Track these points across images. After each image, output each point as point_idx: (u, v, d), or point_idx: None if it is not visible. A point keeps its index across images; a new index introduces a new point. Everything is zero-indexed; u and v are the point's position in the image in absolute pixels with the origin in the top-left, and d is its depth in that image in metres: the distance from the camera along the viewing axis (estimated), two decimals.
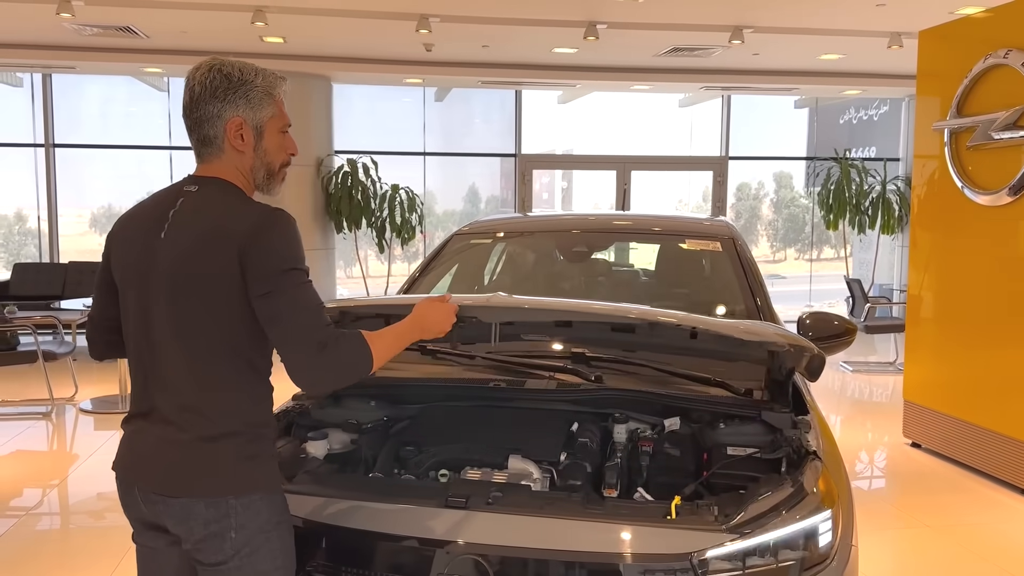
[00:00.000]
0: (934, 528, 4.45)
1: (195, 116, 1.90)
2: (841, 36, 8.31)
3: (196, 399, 1.84)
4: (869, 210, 11.09)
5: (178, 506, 1.83)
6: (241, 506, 1.82)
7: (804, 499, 2.07)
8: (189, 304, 1.82)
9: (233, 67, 1.90)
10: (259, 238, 1.78)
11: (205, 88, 1.87)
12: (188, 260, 1.81)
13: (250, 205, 1.88)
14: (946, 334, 5.70)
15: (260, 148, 1.93)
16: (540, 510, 2.04)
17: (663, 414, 2.62)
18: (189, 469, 1.83)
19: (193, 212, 1.86)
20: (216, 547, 1.83)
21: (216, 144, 1.90)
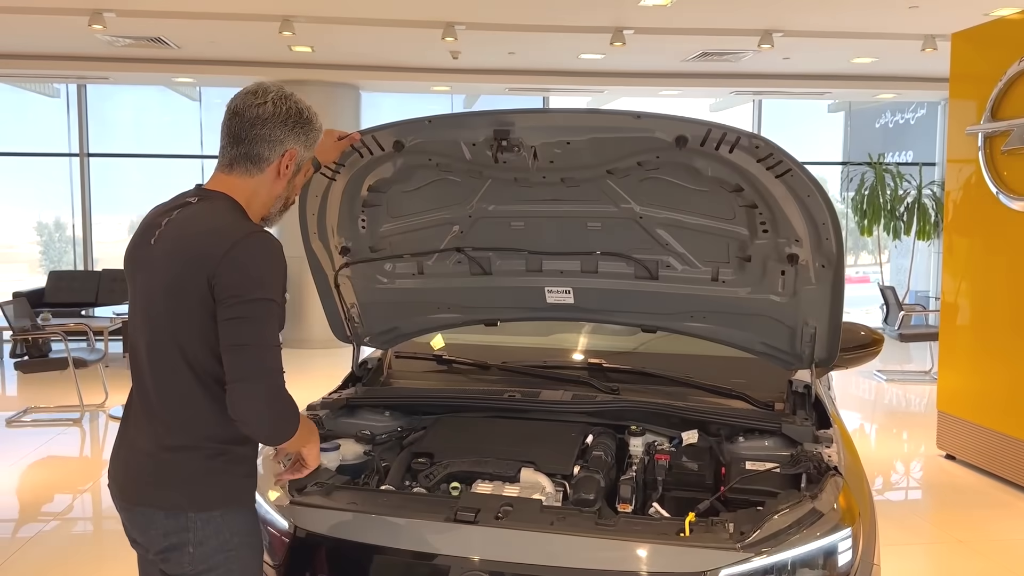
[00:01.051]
0: (968, 544, 4.32)
1: (255, 133, 1.90)
2: (873, 39, 8.16)
3: (161, 410, 1.86)
4: (904, 216, 10.89)
5: (139, 514, 1.87)
6: (200, 521, 1.83)
7: (823, 516, 2.01)
8: (160, 316, 1.84)
9: (303, 104, 1.97)
10: (231, 260, 1.77)
11: (279, 113, 1.90)
12: (164, 273, 1.83)
13: (236, 225, 1.84)
14: (981, 343, 5.55)
15: (293, 181, 2.00)
16: (550, 526, 2.00)
17: (681, 427, 2.57)
18: (149, 479, 1.86)
19: (181, 225, 1.87)
20: (176, 559, 1.85)
21: (261, 165, 1.93)
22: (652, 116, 2.25)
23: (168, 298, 1.82)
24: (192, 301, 1.79)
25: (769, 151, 2.22)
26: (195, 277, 1.78)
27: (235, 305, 1.76)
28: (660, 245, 2.64)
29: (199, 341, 1.81)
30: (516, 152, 2.37)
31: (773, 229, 2.44)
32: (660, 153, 2.34)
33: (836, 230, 2.33)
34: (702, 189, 2.44)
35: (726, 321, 2.73)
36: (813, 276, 2.47)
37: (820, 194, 2.27)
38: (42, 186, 12.16)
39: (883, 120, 13.80)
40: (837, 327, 2.53)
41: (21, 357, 6.91)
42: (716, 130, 2.21)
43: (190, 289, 1.78)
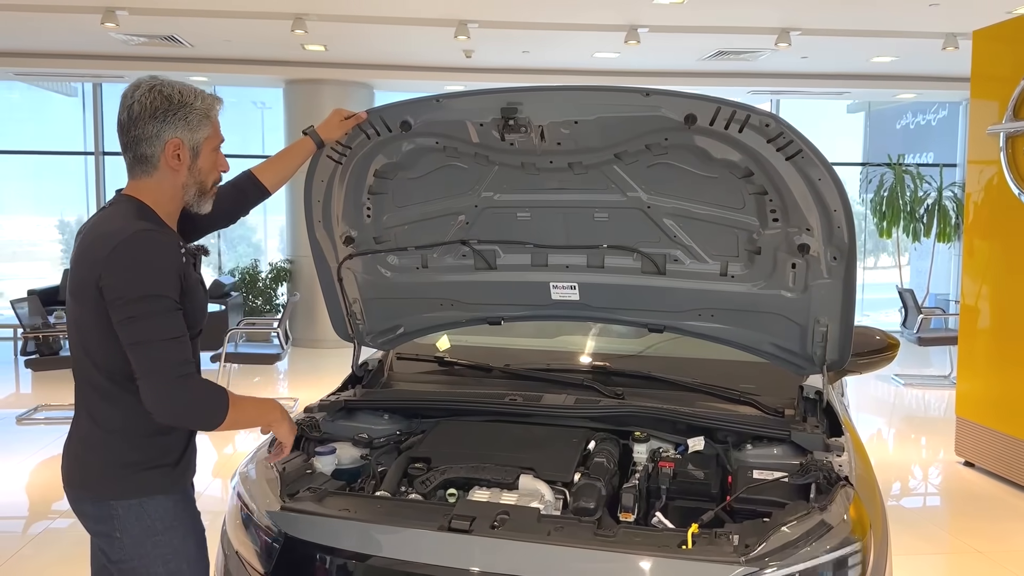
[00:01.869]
0: (987, 555, 4.21)
1: (133, 135, 1.93)
2: (893, 37, 8.03)
3: (87, 402, 1.96)
4: (924, 217, 10.73)
5: (73, 500, 1.99)
6: (122, 508, 1.91)
7: (832, 529, 1.92)
8: (71, 320, 1.96)
9: (173, 89, 1.93)
10: (113, 262, 1.81)
11: (145, 108, 1.90)
12: (71, 278, 1.91)
13: (123, 227, 1.85)
14: (1002, 347, 5.43)
15: (195, 168, 1.98)
16: (547, 536, 1.92)
17: (687, 433, 2.49)
18: (77, 467, 1.97)
19: (87, 231, 1.94)
20: (108, 545, 1.95)
21: (151, 163, 1.94)
22: (661, 93, 2.19)
23: (73, 303, 1.93)
24: (89, 304, 1.85)
25: (780, 130, 2.14)
26: (88, 281, 1.84)
27: (123, 306, 1.80)
28: (668, 237, 2.56)
29: (101, 342, 1.87)
30: (523, 132, 2.31)
31: (784, 217, 2.36)
32: (669, 134, 2.27)
33: (848, 218, 2.25)
34: (711, 175, 2.36)
35: (735, 319, 2.64)
36: (824, 269, 2.39)
37: (831, 177, 2.19)
38: (62, 184, 12.25)
39: (904, 121, 13.63)
40: (849, 325, 2.45)
41: (32, 355, 6.91)
42: (726, 108, 2.14)
43: (88, 294, 1.85)
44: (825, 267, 2.39)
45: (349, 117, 2.43)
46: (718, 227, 2.49)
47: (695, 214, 2.50)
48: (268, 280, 10.52)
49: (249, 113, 12.83)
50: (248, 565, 2.14)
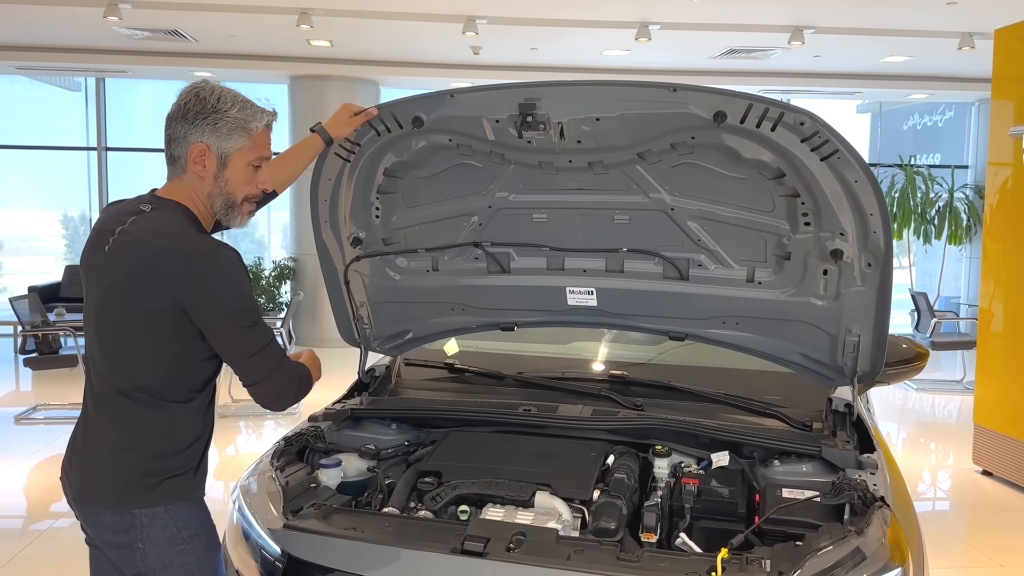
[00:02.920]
0: (1012, 570, 4.08)
1: (168, 132, 1.90)
2: (908, 36, 7.90)
3: (114, 412, 1.86)
4: (935, 219, 10.59)
5: (89, 512, 1.89)
6: (146, 517, 1.84)
7: (871, 555, 1.80)
8: (109, 326, 1.85)
9: (212, 93, 1.88)
10: (202, 281, 1.77)
11: (180, 108, 1.88)
12: (119, 284, 1.81)
13: (195, 243, 1.81)
14: (1021, 353, 5.30)
15: (221, 177, 1.90)
16: (567, 560, 1.81)
17: (710, 448, 2.37)
18: (96, 478, 1.88)
19: (137, 237, 1.83)
20: (128, 558, 1.86)
21: (179, 164, 1.90)
22: (689, 89, 2.07)
23: (119, 310, 1.83)
24: (146, 317, 1.79)
25: (815, 129, 2.02)
26: (156, 296, 1.78)
27: (222, 320, 1.80)
28: (692, 241, 2.44)
29: (145, 353, 1.82)
30: (542, 129, 2.19)
31: (816, 221, 2.24)
32: (696, 133, 2.15)
33: (885, 222, 2.13)
34: (740, 176, 2.24)
35: (761, 328, 2.52)
36: (858, 277, 2.26)
37: (869, 180, 2.07)
38: (66, 180, 12.16)
39: (912, 122, 13.50)
40: (883, 336, 2.32)
41: (32, 353, 6.81)
42: (758, 105, 2.02)
43: (148, 306, 1.78)
44: (859, 274, 2.26)
45: (359, 113, 2.33)
46: (745, 231, 2.37)
47: (721, 217, 2.37)
48: (271, 278, 10.40)
49: None
50: None
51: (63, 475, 1.97)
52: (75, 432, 1.97)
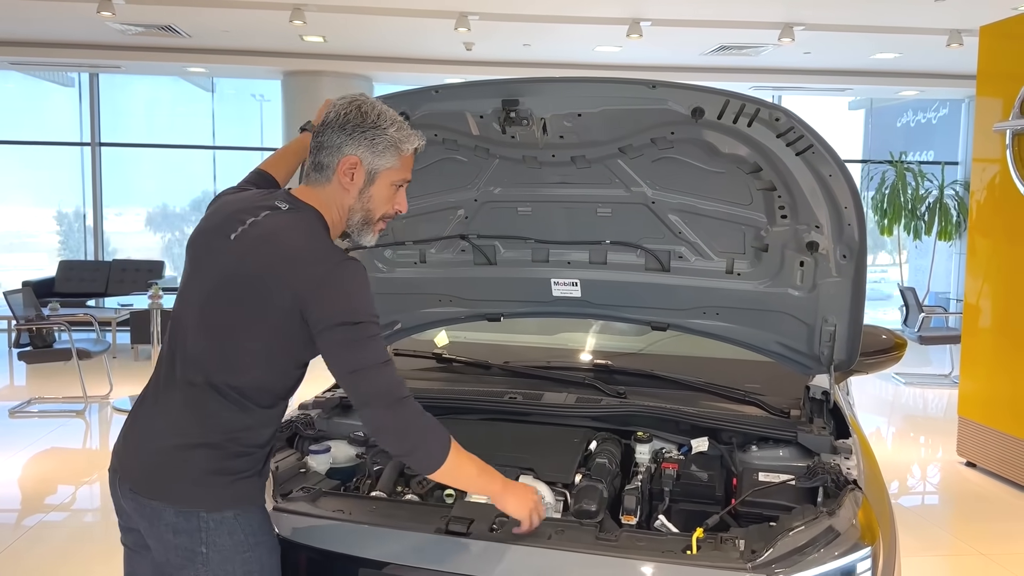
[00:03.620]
0: (991, 557, 4.15)
1: (319, 140, 1.88)
2: (897, 33, 7.97)
3: (194, 403, 1.80)
4: (925, 216, 10.67)
5: (149, 508, 1.79)
6: (213, 522, 1.77)
7: (841, 535, 1.86)
8: (223, 317, 1.79)
9: (373, 109, 1.87)
10: (327, 288, 1.73)
11: (339, 117, 1.86)
12: (240, 275, 1.78)
13: (326, 250, 1.79)
14: (1005, 347, 5.37)
15: (366, 193, 1.89)
16: (547, 540, 1.86)
17: (690, 434, 2.43)
18: (166, 473, 1.79)
19: (269, 233, 1.80)
20: (187, 560, 1.78)
21: (327, 174, 1.87)
22: (668, 85, 2.12)
23: (235, 302, 1.78)
24: (263, 314, 1.75)
25: (790, 125, 2.08)
26: (280, 295, 1.74)
27: (339, 328, 1.72)
28: (672, 233, 2.50)
29: (252, 352, 1.78)
30: (525, 125, 2.24)
31: (792, 214, 2.30)
32: (675, 128, 2.20)
33: (859, 215, 2.19)
34: (718, 171, 2.30)
35: (740, 318, 2.58)
36: (833, 268, 2.33)
37: (843, 174, 2.13)
38: (60, 175, 12.18)
39: (905, 119, 13.57)
40: (858, 325, 2.39)
41: (26, 347, 6.85)
42: (735, 101, 2.07)
43: (268, 303, 1.75)
44: (834, 265, 2.33)
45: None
46: (724, 223, 2.43)
47: (701, 210, 2.43)
48: None
49: (248, 106, 12.76)
50: None
51: (116, 464, 1.89)
52: (137, 420, 1.88)
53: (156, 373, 1.89)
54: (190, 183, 12.71)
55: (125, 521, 1.90)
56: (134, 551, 1.93)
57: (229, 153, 11.99)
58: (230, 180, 6.95)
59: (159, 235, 13.51)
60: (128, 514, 1.87)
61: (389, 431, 1.75)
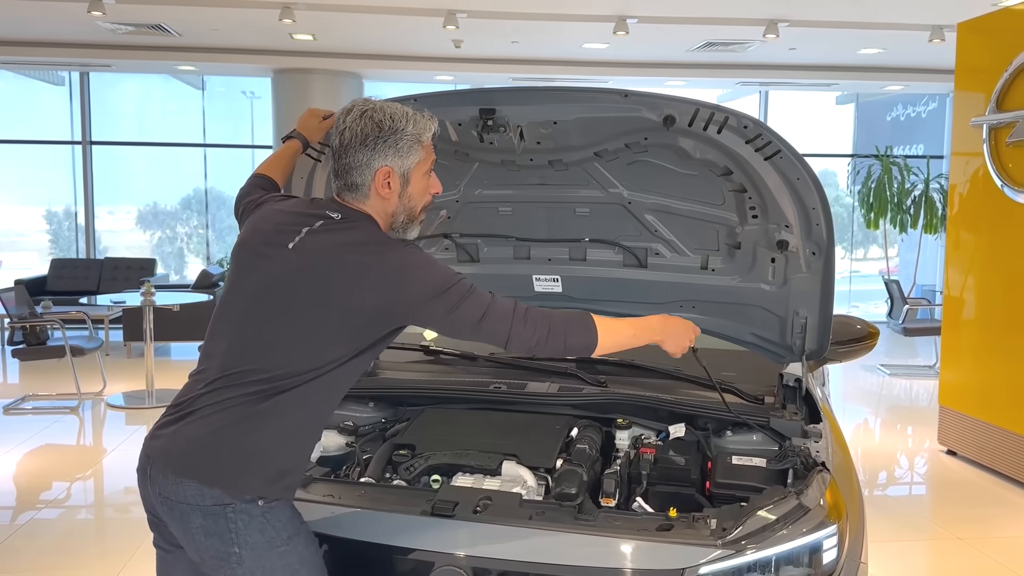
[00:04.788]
0: (967, 541, 4.27)
1: (344, 162, 1.89)
2: (880, 29, 8.07)
3: (235, 397, 1.80)
4: (911, 209, 10.79)
5: (179, 511, 1.78)
6: (242, 521, 1.76)
7: (808, 513, 1.96)
8: (286, 319, 1.82)
9: (384, 114, 1.87)
10: (403, 277, 1.80)
11: (355, 135, 1.86)
12: (311, 283, 1.81)
13: (388, 243, 1.86)
14: (984, 337, 5.49)
15: (405, 195, 1.92)
16: (528, 520, 1.95)
17: (668, 420, 2.52)
18: (201, 453, 1.78)
19: (335, 242, 1.84)
20: (221, 561, 1.77)
21: (362, 191, 1.90)
22: (639, 95, 2.21)
23: (296, 303, 1.81)
24: (338, 316, 1.79)
25: (758, 132, 2.17)
26: (356, 297, 1.78)
27: (434, 302, 1.79)
28: (649, 232, 2.59)
29: (322, 344, 1.81)
30: (502, 132, 2.33)
31: (763, 214, 2.39)
32: (648, 134, 2.29)
33: (827, 215, 2.28)
34: (691, 173, 2.39)
35: (716, 311, 2.68)
36: (804, 264, 2.42)
37: (810, 177, 2.22)
38: (50, 174, 12.20)
39: (894, 113, 13.69)
40: (828, 317, 2.48)
41: (19, 345, 6.91)
42: (704, 110, 2.16)
43: (337, 305, 1.79)
44: (804, 262, 2.42)
45: (327, 117, 2.42)
46: (698, 222, 2.52)
47: (675, 210, 2.52)
48: None
49: (238, 103, 12.80)
50: None
51: (146, 460, 1.85)
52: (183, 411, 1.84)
53: (200, 373, 1.88)
54: (181, 181, 12.74)
55: (158, 521, 1.89)
56: (167, 551, 1.93)
57: (220, 151, 12.04)
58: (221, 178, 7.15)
59: (150, 233, 13.54)
60: (160, 515, 1.86)
61: (540, 341, 1.86)
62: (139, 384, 7.41)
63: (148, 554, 4.11)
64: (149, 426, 1.94)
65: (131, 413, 6.80)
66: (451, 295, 1.81)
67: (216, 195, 12.62)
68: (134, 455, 1.93)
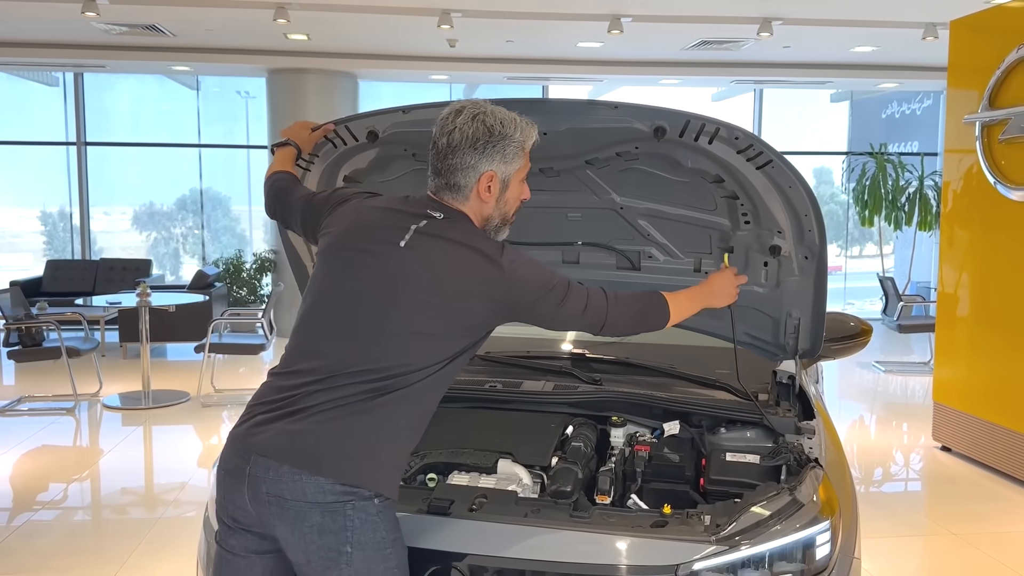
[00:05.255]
0: (962, 537, 4.29)
1: (450, 162, 1.91)
2: (874, 27, 8.09)
3: (376, 397, 1.81)
4: (906, 206, 10.83)
5: (293, 510, 1.76)
6: (359, 520, 1.76)
7: (801, 509, 1.98)
8: (392, 314, 1.84)
9: (495, 119, 1.90)
10: (515, 278, 1.88)
11: (466, 138, 1.89)
12: (426, 281, 1.85)
13: (497, 246, 1.91)
14: (978, 334, 5.51)
15: (502, 199, 1.96)
16: (524, 518, 1.97)
17: (663, 418, 2.54)
18: (321, 445, 1.76)
19: (443, 241, 1.88)
20: (330, 561, 1.76)
21: (463, 192, 1.93)
22: (630, 107, 2.22)
23: (411, 299, 1.84)
24: (450, 314, 1.85)
25: (749, 142, 2.18)
26: (473, 296, 1.85)
27: (544, 300, 1.91)
28: (642, 236, 2.60)
29: (436, 344, 1.85)
30: None
31: (755, 220, 2.41)
32: (639, 144, 2.30)
33: (819, 222, 2.30)
34: (683, 180, 2.41)
35: (710, 311, 2.68)
36: (796, 267, 2.44)
37: (802, 185, 2.24)
38: (45, 176, 12.19)
39: (890, 110, 13.73)
40: (821, 318, 2.51)
41: (15, 346, 6.91)
42: (695, 121, 2.17)
43: (452, 302, 1.84)
44: (797, 266, 2.44)
45: (316, 128, 2.45)
46: (691, 227, 2.55)
47: (668, 215, 2.54)
48: (252, 271, 10.51)
49: (233, 103, 12.78)
50: None
51: (242, 458, 1.81)
52: (285, 408, 1.82)
53: (299, 371, 1.86)
54: (176, 181, 12.73)
55: (245, 525, 1.84)
56: (241, 558, 1.87)
57: (217, 151, 12.04)
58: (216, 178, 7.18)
59: (145, 234, 13.53)
60: (255, 517, 1.81)
61: (628, 322, 2.05)
62: (135, 385, 7.41)
63: (145, 555, 4.13)
64: (146, 428, 1.94)
65: (127, 414, 6.79)
66: (557, 291, 1.92)
67: (212, 195, 12.62)
68: (131, 456, 1.92)
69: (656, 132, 2.22)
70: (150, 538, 4.18)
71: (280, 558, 1.85)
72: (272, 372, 1.93)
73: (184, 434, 6.37)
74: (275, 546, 1.84)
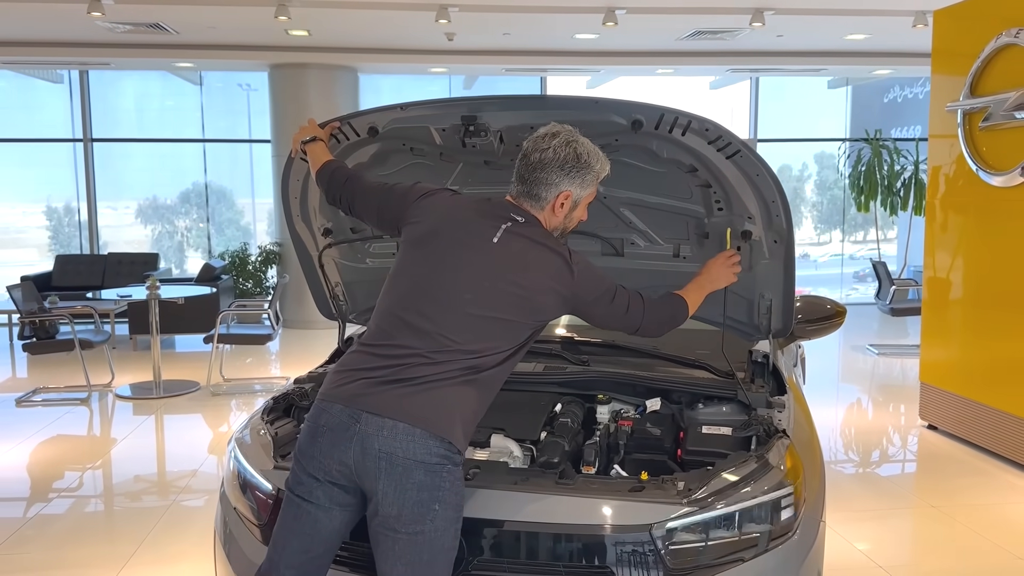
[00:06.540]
0: (940, 508, 4.47)
1: (537, 175, 2.20)
2: (864, 15, 8.21)
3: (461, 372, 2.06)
4: (901, 191, 10.96)
5: (401, 467, 1.96)
6: (449, 482, 1.99)
7: (767, 474, 2.16)
8: (492, 304, 2.10)
9: (584, 147, 2.20)
10: (581, 278, 2.18)
11: (558, 158, 2.18)
12: (515, 276, 2.11)
13: (566, 250, 2.21)
14: (962, 316, 5.68)
15: (570, 216, 2.26)
16: (514, 485, 2.15)
17: (646, 395, 2.72)
18: (429, 412, 2.00)
19: (529, 240, 2.17)
20: (420, 516, 1.96)
21: (540, 203, 2.22)
22: (609, 101, 2.39)
23: (506, 293, 2.10)
24: (530, 306, 2.12)
25: (719, 134, 2.36)
26: (551, 289, 2.14)
27: (600, 299, 2.23)
28: (624, 223, 2.78)
29: (513, 329, 2.13)
30: (483, 136, 2.51)
31: (727, 207, 2.59)
32: (619, 136, 2.47)
33: (785, 208, 2.48)
34: (660, 170, 2.58)
35: None
36: (767, 251, 2.62)
37: (768, 174, 2.41)
38: (50, 172, 12.36)
39: (891, 95, 13.80)
40: (791, 298, 2.68)
41: (29, 339, 7.10)
42: (669, 114, 2.35)
43: (538, 299, 2.13)
44: (767, 249, 2.62)
45: (324, 125, 2.65)
46: (669, 215, 2.72)
47: (648, 203, 2.72)
48: (258, 263, 10.69)
49: (235, 96, 12.93)
50: (245, 519, 2.37)
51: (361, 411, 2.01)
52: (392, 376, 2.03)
53: (400, 345, 2.08)
54: (181, 176, 12.90)
55: (337, 479, 2.02)
56: (322, 508, 2.05)
57: (221, 145, 12.20)
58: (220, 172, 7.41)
59: (150, 228, 13.71)
60: (353, 471, 2.00)
61: (660, 323, 2.35)
62: (146, 375, 7.61)
63: (158, 540, 4.31)
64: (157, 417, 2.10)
65: (139, 403, 6.99)
66: (610, 292, 2.24)
67: (216, 189, 12.79)
68: (143, 444, 2.08)
69: (633, 125, 2.40)
70: (163, 523, 4.33)
71: (355, 512, 2.07)
72: (364, 343, 2.14)
73: (194, 422, 6.54)
74: (356, 500, 2.05)
